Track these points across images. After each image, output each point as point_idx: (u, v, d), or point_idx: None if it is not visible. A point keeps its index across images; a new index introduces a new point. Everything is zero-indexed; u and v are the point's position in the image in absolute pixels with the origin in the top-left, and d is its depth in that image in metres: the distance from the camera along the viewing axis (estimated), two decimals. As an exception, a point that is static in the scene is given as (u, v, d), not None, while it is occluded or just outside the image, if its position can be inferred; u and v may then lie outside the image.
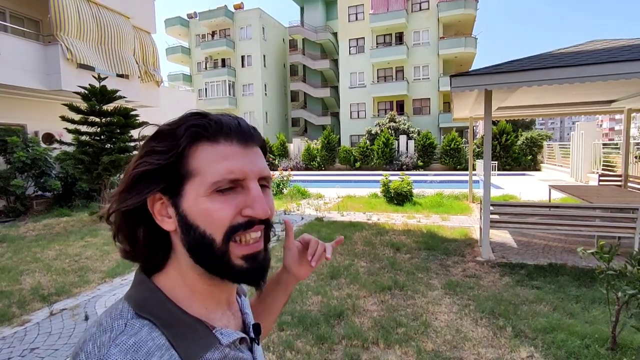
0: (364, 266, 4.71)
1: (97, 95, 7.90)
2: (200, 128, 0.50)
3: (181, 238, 0.51)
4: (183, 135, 0.49)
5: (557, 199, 8.55)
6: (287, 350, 2.81)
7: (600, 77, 4.01)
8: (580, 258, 4.69)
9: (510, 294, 3.72)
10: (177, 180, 0.50)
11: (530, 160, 20.10)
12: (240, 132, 0.52)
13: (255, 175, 0.52)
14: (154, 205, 0.51)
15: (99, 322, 0.49)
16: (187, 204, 0.50)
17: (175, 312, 0.50)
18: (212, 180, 0.49)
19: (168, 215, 0.51)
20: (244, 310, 0.64)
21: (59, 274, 4.66)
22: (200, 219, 0.49)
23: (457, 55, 27.63)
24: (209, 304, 0.54)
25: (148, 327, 0.47)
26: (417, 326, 3.12)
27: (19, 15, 10.59)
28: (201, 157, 0.50)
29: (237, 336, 0.54)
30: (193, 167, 0.49)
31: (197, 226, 0.49)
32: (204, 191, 0.49)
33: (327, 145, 24.11)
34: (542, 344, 2.80)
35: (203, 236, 0.49)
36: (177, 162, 0.50)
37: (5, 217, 8.38)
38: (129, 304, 0.50)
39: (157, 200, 0.51)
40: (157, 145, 0.50)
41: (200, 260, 0.51)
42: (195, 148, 0.50)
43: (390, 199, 9.39)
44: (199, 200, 0.49)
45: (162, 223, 0.51)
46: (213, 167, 0.49)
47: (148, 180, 0.50)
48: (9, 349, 2.95)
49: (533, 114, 9.78)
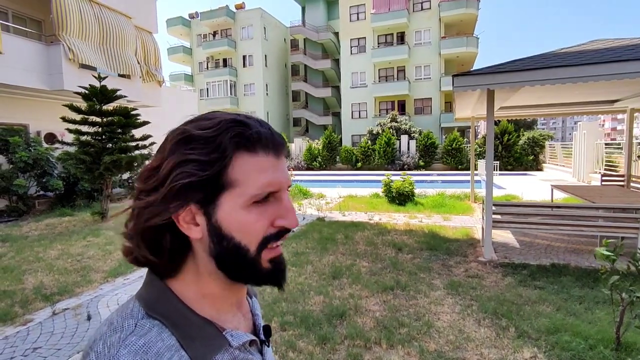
0: (366, 266, 4.70)
1: (98, 95, 7.90)
2: (242, 138, 0.48)
3: (209, 247, 0.49)
4: (228, 145, 0.48)
5: (559, 199, 8.53)
6: (290, 350, 2.80)
7: (603, 76, 3.99)
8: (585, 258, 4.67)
9: (513, 294, 3.70)
10: (214, 190, 0.48)
11: (532, 160, 20.05)
12: (274, 142, 0.51)
13: (286, 185, 0.52)
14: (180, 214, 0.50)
15: (110, 320, 0.49)
16: (222, 214, 0.48)
17: (186, 313, 0.50)
18: (253, 193, 0.48)
19: (195, 223, 0.49)
20: (255, 311, 0.63)
21: (62, 273, 4.67)
22: (236, 230, 0.49)
23: (459, 55, 27.58)
24: (220, 306, 0.54)
25: (158, 327, 0.47)
26: (420, 326, 3.11)
27: (21, 15, 10.61)
28: (242, 168, 0.48)
29: (247, 338, 0.54)
30: (233, 178, 0.48)
31: (232, 237, 0.49)
32: (242, 203, 0.48)
33: (328, 145, 24.10)
34: (545, 345, 2.79)
35: (238, 247, 0.49)
36: (217, 172, 0.48)
37: (8, 216, 8.40)
38: (139, 303, 0.50)
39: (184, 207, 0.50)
40: (196, 154, 0.47)
41: (227, 268, 0.50)
42: (235, 158, 0.48)
43: (392, 198, 9.38)
44: (236, 211, 0.48)
45: (189, 231, 0.49)
46: (253, 179, 0.48)
47: (188, 191, 0.47)
48: (12, 349, 2.96)
49: (535, 113, 9.76)
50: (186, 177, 0.46)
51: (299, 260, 4.92)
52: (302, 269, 4.63)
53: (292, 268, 4.64)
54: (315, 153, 24.28)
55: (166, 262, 0.51)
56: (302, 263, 4.82)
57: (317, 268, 4.64)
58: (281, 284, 0.55)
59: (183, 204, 0.47)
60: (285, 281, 0.55)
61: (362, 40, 29.99)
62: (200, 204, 0.48)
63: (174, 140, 0.49)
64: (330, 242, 5.83)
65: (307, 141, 26.04)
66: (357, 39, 30.16)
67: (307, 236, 6.20)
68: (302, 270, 4.58)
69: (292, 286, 4.06)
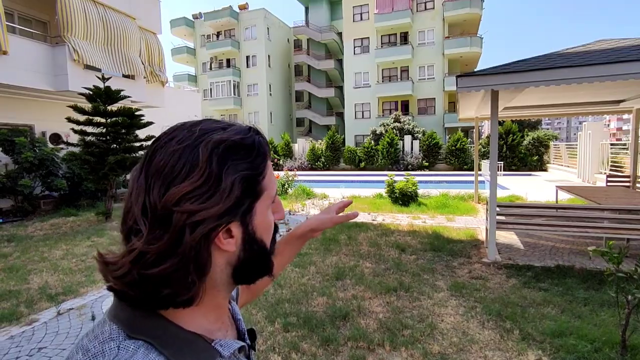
0: (369, 267, 4.69)
1: (102, 96, 7.95)
2: (266, 147, 0.52)
3: (237, 256, 0.49)
4: (267, 152, 0.52)
5: (564, 200, 8.47)
6: (293, 351, 2.80)
7: (609, 77, 3.96)
8: (590, 259, 4.64)
9: (517, 296, 3.68)
10: (256, 197, 0.50)
11: (536, 161, 19.93)
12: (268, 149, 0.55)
13: None
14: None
15: (84, 348, 0.44)
16: (258, 219, 0.50)
17: (172, 330, 0.47)
18: (273, 194, 0.53)
19: (231, 236, 0.47)
20: (237, 316, 0.63)
21: (66, 273, 4.70)
22: (264, 232, 0.52)
23: (463, 55, 27.49)
24: (210, 315, 0.52)
25: (144, 348, 0.43)
26: (423, 328, 3.10)
27: (27, 16, 10.69)
28: (267, 173, 0.52)
29: (236, 346, 0.53)
30: (264, 183, 0.51)
31: (260, 239, 0.51)
32: (268, 205, 0.52)
33: (331, 146, 24.09)
34: (550, 348, 2.77)
35: (263, 246, 0.52)
36: (259, 179, 0.50)
37: (14, 216, 8.47)
38: (116, 324, 0.45)
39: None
40: (247, 162, 0.48)
41: (246, 271, 0.51)
42: (264, 166, 0.51)
43: (395, 199, 9.36)
44: (265, 214, 0.52)
45: (226, 245, 0.47)
46: (272, 182, 0.53)
47: (244, 199, 0.48)
48: (17, 348, 2.98)
49: (540, 114, 9.70)
50: (245, 185, 0.47)
51: (302, 261, 4.92)
52: (305, 269, 4.63)
53: (295, 269, 4.64)
54: (318, 153, 24.28)
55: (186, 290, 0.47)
56: (305, 264, 4.82)
57: (320, 269, 4.64)
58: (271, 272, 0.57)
59: (237, 214, 0.47)
60: None
61: (366, 41, 29.95)
62: (242, 213, 0.48)
63: (215, 151, 0.45)
64: (333, 243, 5.82)
65: (311, 141, 26.03)
66: (361, 39, 30.12)
67: (310, 237, 6.20)
68: (305, 271, 4.58)
69: (295, 287, 4.06)
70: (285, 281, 4.22)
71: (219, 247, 0.47)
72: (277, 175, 11.57)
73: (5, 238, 6.53)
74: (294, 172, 12.08)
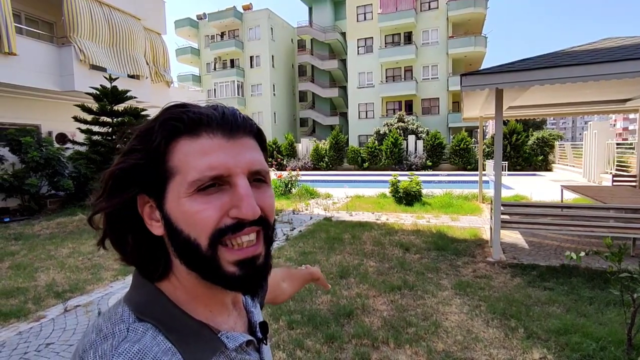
0: (373, 266, 4.70)
1: (108, 96, 8.02)
2: (177, 121, 0.46)
3: (168, 243, 0.48)
4: (158, 130, 0.46)
5: (569, 200, 8.42)
6: (297, 348, 2.81)
7: (616, 75, 3.93)
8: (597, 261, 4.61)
9: (522, 295, 3.67)
10: (160, 180, 0.47)
11: (541, 161, 19.82)
12: (224, 122, 0.48)
13: (242, 169, 0.47)
14: (143, 209, 0.49)
15: (99, 327, 0.45)
16: (169, 205, 0.46)
17: (179, 316, 0.48)
18: (192, 179, 0.45)
19: (157, 219, 0.48)
20: (249, 308, 0.60)
21: (73, 271, 4.75)
22: (182, 222, 0.46)
23: (467, 55, 27.40)
24: (213, 307, 0.51)
25: (152, 330, 0.45)
26: (428, 326, 3.11)
27: (33, 17, 10.80)
28: (181, 153, 0.46)
29: (243, 339, 0.52)
30: (173, 164, 0.46)
31: (181, 230, 0.46)
32: (184, 191, 0.45)
33: (335, 146, 24.09)
34: (555, 346, 2.76)
35: (188, 241, 0.46)
36: (156, 160, 0.46)
37: (21, 215, 8.56)
38: (129, 307, 0.47)
39: (145, 203, 0.48)
40: (136, 144, 0.47)
41: (190, 266, 0.47)
42: (175, 144, 0.46)
43: (399, 199, 9.35)
44: (180, 201, 0.45)
45: (152, 227, 0.48)
46: (193, 164, 0.45)
47: (127, 181, 0.47)
48: (25, 344, 3.01)
49: (544, 113, 9.65)
50: (121, 165, 0.47)
51: (306, 260, 4.93)
52: (310, 268, 4.63)
53: (299, 268, 4.64)
54: (322, 153, 24.30)
55: (138, 259, 0.50)
56: (310, 262, 4.83)
57: (324, 267, 4.65)
58: (254, 291, 0.50)
59: (123, 192, 0.47)
60: (261, 288, 0.50)
61: (369, 40, 29.92)
62: (154, 197, 0.48)
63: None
64: (337, 241, 5.83)
65: (314, 141, 26.06)
66: (364, 39, 30.10)
67: (315, 236, 6.22)
68: (309, 269, 4.59)
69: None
70: (289, 279, 4.23)
71: (150, 228, 0.48)
72: (279, 175, 11.60)
73: (13, 236, 6.60)
74: (297, 172, 12.09)
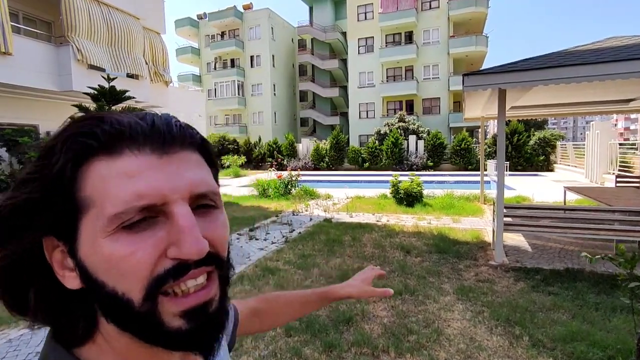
0: (373, 269, 4.61)
1: (106, 96, 7.93)
2: (87, 136, 0.34)
3: (91, 297, 0.36)
4: (61, 150, 0.34)
5: (572, 201, 8.33)
6: (295, 357, 2.73)
7: (621, 74, 3.84)
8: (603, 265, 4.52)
9: (526, 301, 3.58)
10: (68, 217, 0.35)
11: (542, 161, 19.73)
12: (153, 134, 0.36)
13: (182, 194, 0.36)
14: (52, 255, 0.36)
15: None
16: (83, 250, 0.35)
17: None
18: (113, 212, 0.33)
19: (70, 268, 0.36)
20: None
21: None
22: (104, 272, 0.34)
23: (468, 54, 27.28)
24: None
25: None
26: (429, 334, 3.02)
27: (31, 17, 10.72)
28: (95, 178, 0.34)
29: None
30: (85, 194, 0.34)
31: (102, 282, 0.34)
32: (103, 229, 0.33)
33: (335, 146, 24.01)
34: (561, 355, 2.67)
35: (114, 296, 0.34)
36: (58, 190, 0.34)
37: (17, 216, 8.49)
38: None
39: (55, 247, 0.36)
40: (31, 171, 0.35)
41: (121, 326, 0.36)
42: (86, 167, 0.34)
43: (399, 200, 9.26)
44: (97, 243, 0.34)
45: (64, 279, 0.36)
46: (113, 192, 0.33)
47: (21, 222, 0.35)
48: (15, 352, 2.93)
49: (547, 113, 9.57)
50: (11, 201, 0.35)
51: (306, 263, 4.84)
52: (309, 272, 4.56)
53: (297, 271, 4.57)
54: (322, 153, 24.22)
55: (63, 324, 0.38)
56: (309, 266, 4.75)
57: (323, 271, 4.57)
58: (208, 349, 0.38)
59: (21, 238, 0.35)
60: (215, 343, 0.38)
61: (370, 40, 29.82)
62: (61, 238, 0.35)
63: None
64: (337, 244, 5.75)
65: (315, 141, 25.98)
66: (365, 38, 30.00)
67: (314, 238, 6.13)
68: (308, 273, 4.51)
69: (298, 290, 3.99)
70: (287, 284, 4.15)
71: (61, 280, 0.36)
72: (279, 175, 11.50)
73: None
74: (297, 172, 12.01)
